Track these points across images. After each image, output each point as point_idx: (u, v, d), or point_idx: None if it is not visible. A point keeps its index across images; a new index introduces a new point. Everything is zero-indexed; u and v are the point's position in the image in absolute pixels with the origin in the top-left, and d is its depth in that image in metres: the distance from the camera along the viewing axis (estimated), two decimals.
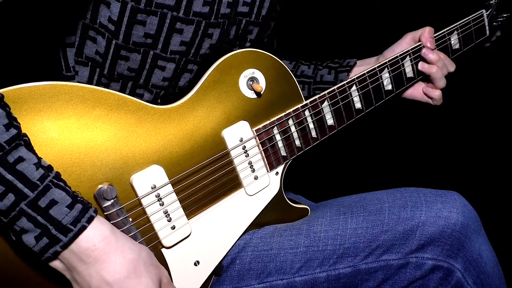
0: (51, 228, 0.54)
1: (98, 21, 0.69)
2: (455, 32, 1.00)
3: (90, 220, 0.57)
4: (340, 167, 1.78)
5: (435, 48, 0.96)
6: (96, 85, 0.75)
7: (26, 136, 0.57)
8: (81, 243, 0.56)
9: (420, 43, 0.95)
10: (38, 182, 0.54)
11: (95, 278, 0.56)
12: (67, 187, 0.57)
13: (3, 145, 0.52)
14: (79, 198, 0.58)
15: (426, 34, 0.95)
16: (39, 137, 0.61)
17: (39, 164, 0.55)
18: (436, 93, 0.98)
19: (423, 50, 0.95)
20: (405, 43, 0.98)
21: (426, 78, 0.98)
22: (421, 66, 0.96)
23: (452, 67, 0.98)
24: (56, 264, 0.58)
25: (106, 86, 0.76)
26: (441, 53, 0.96)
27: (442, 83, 0.96)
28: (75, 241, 0.55)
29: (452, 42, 1.00)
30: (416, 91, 1.01)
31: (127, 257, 0.59)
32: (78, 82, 0.75)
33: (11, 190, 0.52)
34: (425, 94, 1.00)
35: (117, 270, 0.57)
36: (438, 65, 0.95)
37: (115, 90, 0.75)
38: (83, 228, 0.56)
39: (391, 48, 0.99)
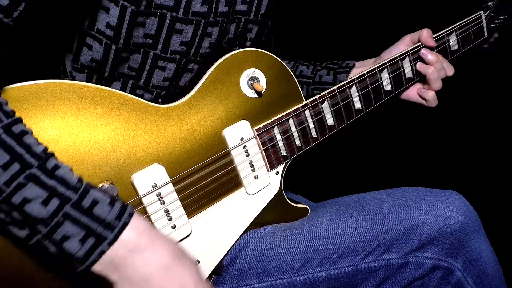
0: (97, 227, 0.54)
1: (96, 27, 0.68)
2: (454, 33, 1.01)
3: (131, 215, 0.57)
4: (340, 167, 1.78)
5: (435, 47, 0.96)
6: None
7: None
8: (125, 238, 0.55)
9: (419, 43, 0.96)
10: (78, 185, 0.55)
11: (144, 266, 0.56)
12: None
13: (39, 155, 0.53)
14: (115, 198, 0.58)
15: (424, 34, 0.95)
16: (40, 136, 0.61)
17: (71, 170, 0.56)
18: (430, 94, 0.97)
19: (422, 50, 0.95)
20: (403, 45, 0.98)
21: (423, 79, 0.99)
22: (419, 66, 0.97)
23: (450, 72, 0.98)
24: (99, 268, 0.55)
25: (106, 87, 0.76)
26: (440, 56, 0.97)
27: (437, 85, 0.96)
28: (120, 237, 0.55)
29: (450, 43, 1.01)
30: (411, 92, 1.02)
31: (167, 243, 0.59)
32: None
33: (54, 194, 0.52)
34: (419, 95, 1.00)
35: (164, 254, 0.57)
36: (436, 66, 0.95)
37: (116, 89, 0.75)
38: (126, 223, 0.56)
39: (388, 50, 1.00)
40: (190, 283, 0.57)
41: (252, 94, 0.80)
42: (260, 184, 0.82)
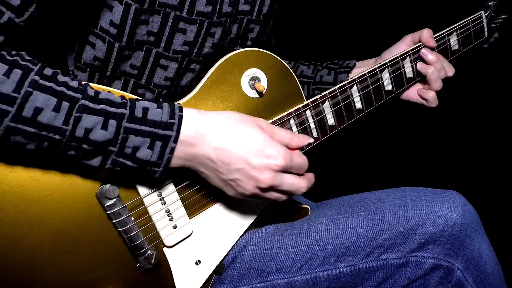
0: (157, 131, 0.60)
1: (99, 25, 0.68)
2: (454, 33, 1.01)
3: (181, 109, 0.63)
4: (340, 167, 1.79)
5: (435, 47, 0.96)
6: None
7: None
8: (186, 130, 0.62)
9: (420, 43, 0.96)
10: (124, 101, 0.60)
11: (210, 150, 0.63)
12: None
13: (79, 88, 0.57)
14: (160, 100, 0.65)
15: (425, 34, 0.95)
16: None
17: (110, 92, 0.62)
18: (430, 94, 0.97)
19: (423, 50, 0.95)
20: (404, 45, 0.98)
21: (423, 79, 0.99)
22: (419, 66, 0.97)
23: (450, 72, 0.98)
24: (176, 162, 0.63)
25: (107, 85, 0.76)
26: (441, 56, 0.97)
27: (437, 85, 0.96)
28: (182, 130, 0.61)
29: (451, 43, 1.01)
30: (412, 92, 1.02)
31: (224, 121, 0.65)
32: None
33: (108, 116, 0.57)
34: (420, 95, 1.00)
35: (223, 133, 0.64)
36: (436, 66, 0.95)
37: (117, 89, 0.75)
38: (181, 117, 0.61)
39: (389, 50, 1.00)
40: (256, 141, 0.64)
41: (253, 94, 0.80)
42: None
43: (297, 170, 0.70)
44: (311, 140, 0.75)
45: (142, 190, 0.68)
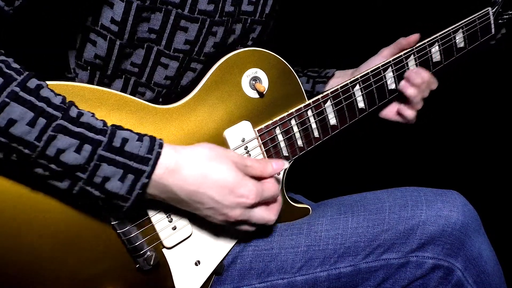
0: (132, 163, 0.58)
1: (100, 23, 0.68)
2: (460, 30, 0.99)
3: (161, 146, 0.61)
4: (340, 166, 1.78)
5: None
6: (97, 85, 0.74)
7: None
8: (160, 168, 0.60)
9: (401, 54, 0.91)
10: (105, 128, 0.58)
11: (184, 188, 0.62)
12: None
13: (60, 106, 0.56)
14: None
15: (404, 42, 0.91)
16: None
17: (94, 115, 0.59)
18: (411, 113, 0.94)
19: (408, 73, 0.91)
20: (381, 57, 0.95)
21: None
22: (403, 86, 0.91)
23: (434, 86, 0.93)
24: (146, 198, 0.62)
25: (108, 85, 0.75)
26: (426, 74, 0.91)
27: (420, 105, 0.93)
28: (156, 168, 0.59)
29: (457, 41, 0.99)
30: (389, 112, 0.98)
31: (197, 161, 0.63)
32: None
33: (85, 141, 0.55)
34: (401, 114, 0.96)
35: (196, 174, 0.62)
36: (422, 87, 0.91)
37: (118, 87, 0.75)
38: (159, 154, 0.60)
39: (366, 63, 0.98)
40: (228, 181, 0.63)
41: (254, 94, 0.79)
42: None
43: (270, 199, 0.70)
44: (287, 166, 0.74)
45: None
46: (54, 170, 0.55)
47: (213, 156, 0.64)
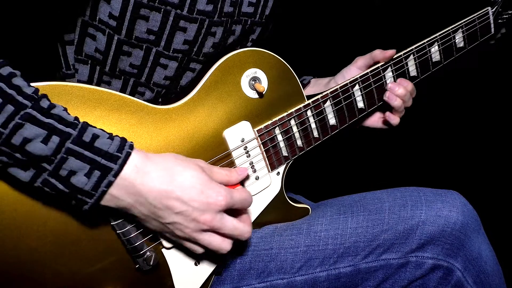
0: (100, 160, 0.56)
1: (97, 17, 0.68)
2: (460, 30, 0.99)
3: (131, 147, 0.60)
4: (340, 166, 1.79)
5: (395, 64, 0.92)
6: (97, 83, 0.75)
7: None
8: (128, 168, 0.58)
9: (378, 66, 0.90)
10: (76, 122, 0.57)
11: (153, 189, 0.59)
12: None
13: (31, 95, 0.54)
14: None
15: (379, 54, 0.90)
16: None
17: (66, 109, 0.58)
18: (396, 121, 0.95)
19: (390, 85, 0.91)
20: (355, 68, 0.95)
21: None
22: (387, 97, 0.92)
23: (413, 94, 0.94)
24: (110, 198, 0.59)
25: (108, 83, 0.75)
26: (409, 85, 0.92)
27: (403, 113, 0.94)
28: (125, 167, 0.58)
29: (456, 41, 0.99)
30: (374, 121, 0.99)
31: (163, 163, 0.62)
32: (78, 80, 0.75)
33: (53, 132, 0.54)
34: (387, 121, 0.96)
35: (163, 174, 0.60)
36: (404, 99, 0.92)
37: (117, 88, 0.75)
38: (128, 154, 0.58)
39: (341, 74, 0.97)
40: (196, 182, 0.61)
41: (253, 94, 0.79)
42: (261, 185, 0.81)
43: (241, 205, 0.67)
44: (250, 171, 0.73)
45: None
46: (18, 159, 0.54)
47: (180, 160, 0.63)
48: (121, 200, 0.59)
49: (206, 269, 0.76)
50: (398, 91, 0.91)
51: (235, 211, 0.67)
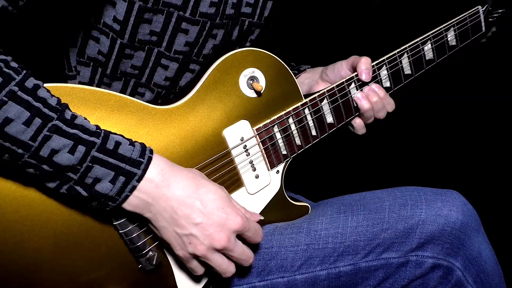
0: (124, 166, 0.58)
1: (102, 21, 0.70)
2: (452, 28, 1.01)
3: (151, 151, 0.62)
4: (340, 166, 1.79)
5: (370, 80, 0.90)
6: (98, 84, 0.76)
7: None
8: (151, 172, 0.60)
9: (355, 73, 0.90)
10: (98, 130, 0.59)
11: (173, 198, 0.61)
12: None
13: (56, 107, 0.56)
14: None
15: (362, 65, 0.88)
16: None
17: (86, 119, 0.60)
18: (358, 122, 0.93)
19: (357, 95, 0.89)
20: (344, 67, 0.94)
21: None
22: (359, 104, 0.89)
23: (390, 108, 0.92)
24: (133, 203, 0.60)
25: (108, 85, 0.76)
26: (381, 93, 0.90)
27: (371, 120, 0.92)
28: (147, 172, 0.60)
29: (448, 39, 1.01)
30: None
31: (189, 174, 0.64)
32: (79, 82, 0.76)
33: (79, 142, 0.56)
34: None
35: (188, 184, 0.63)
36: (375, 107, 0.90)
37: (117, 88, 0.76)
38: (150, 158, 0.60)
39: (332, 71, 0.95)
40: (218, 198, 0.64)
41: (251, 93, 0.80)
42: (261, 183, 0.82)
43: (253, 235, 0.68)
44: (262, 217, 0.73)
45: None
46: (45, 171, 0.55)
47: (204, 176, 0.66)
48: (145, 205, 0.61)
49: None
50: (369, 97, 0.89)
51: (242, 239, 0.68)
